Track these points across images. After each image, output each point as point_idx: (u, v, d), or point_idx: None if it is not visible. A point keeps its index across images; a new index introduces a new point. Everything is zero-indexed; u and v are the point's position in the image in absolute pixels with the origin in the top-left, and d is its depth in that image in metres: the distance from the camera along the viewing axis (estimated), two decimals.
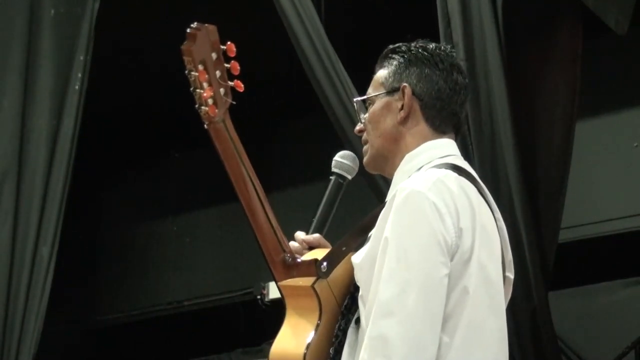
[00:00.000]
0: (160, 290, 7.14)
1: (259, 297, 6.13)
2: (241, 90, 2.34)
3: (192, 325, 6.99)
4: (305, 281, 2.34)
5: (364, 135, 2.53)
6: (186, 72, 2.30)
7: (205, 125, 2.34)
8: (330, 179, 2.59)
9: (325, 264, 2.35)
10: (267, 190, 2.37)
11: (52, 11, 4.98)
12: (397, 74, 2.48)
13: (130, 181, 7.36)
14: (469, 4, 3.97)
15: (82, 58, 4.94)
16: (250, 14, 5.40)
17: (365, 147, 2.53)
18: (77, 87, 4.93)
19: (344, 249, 2.40)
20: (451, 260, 2.26)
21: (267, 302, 6.05)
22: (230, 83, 2.33)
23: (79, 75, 4.93)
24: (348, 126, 4.04)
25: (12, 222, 4.84)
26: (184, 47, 2.28)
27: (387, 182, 3.73)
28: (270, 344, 2.37)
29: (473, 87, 3.91)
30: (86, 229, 7.17)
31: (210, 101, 2.30)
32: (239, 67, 2.34)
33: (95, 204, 7.38)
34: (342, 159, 2.60)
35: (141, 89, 6.26)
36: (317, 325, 2.29)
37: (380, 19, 5.25)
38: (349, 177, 2.59)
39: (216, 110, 2.30)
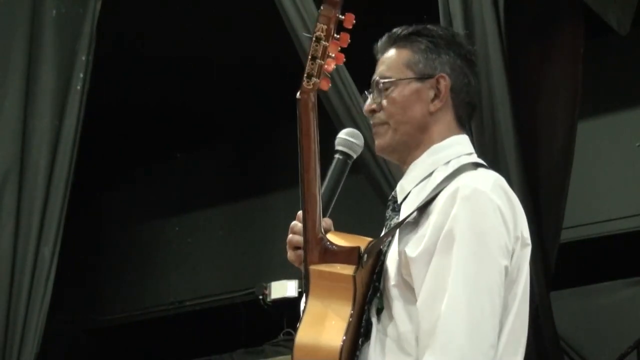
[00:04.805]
0: (162, 291, 7.15)
1: (260, 297, 6.13)
2: (340, 63, 2.28)
3: (193, 326, 6.99)
4: (346, 269, 2.27)
5: (378, 116, 2.42)
6: (313, 37, 2.24)
7: (297, 95, 2.27)
8: (335, 158, 2.45)
9: (366, 255, 2.28)
10: (270, 189, 2.36)
11: (54, 11, 4.98)
12: (429, 60, 2.40)
13: (132, 181, 7.36)
14: (470, 4, 3.97)
15: (84, 58, 4.93)
16: (250, 12, 5.40)
17: (380, 129, 2.42)
18: (79, 87, 4.92)
19: (384, 240, 2.34)
20: (510, 263, 2.29)
21: (269, 302, 6.05)
22: (332, 55, 2.26)
23: (81, 75, 4.92)
24: (349, 125, 4.03)
25: (14, 222, 4.83)
26: (324, 12, 2.22)
27: (386, 178, 3.68)
28: (272, 345, 2.35)
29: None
30: (88, 229, 7.17)
31: (324, 74, 2.25)
32: (349, 40, 2.26)
33: (97, 204, 7.39)
34: (349, 137, 2.45)
35: (143, 90, 6.25)
36: (351, 316, 2.24)
37: (380, 18, 5.24)
38: (355, 155, 2.46)
39: (328, 85, 2.26)
